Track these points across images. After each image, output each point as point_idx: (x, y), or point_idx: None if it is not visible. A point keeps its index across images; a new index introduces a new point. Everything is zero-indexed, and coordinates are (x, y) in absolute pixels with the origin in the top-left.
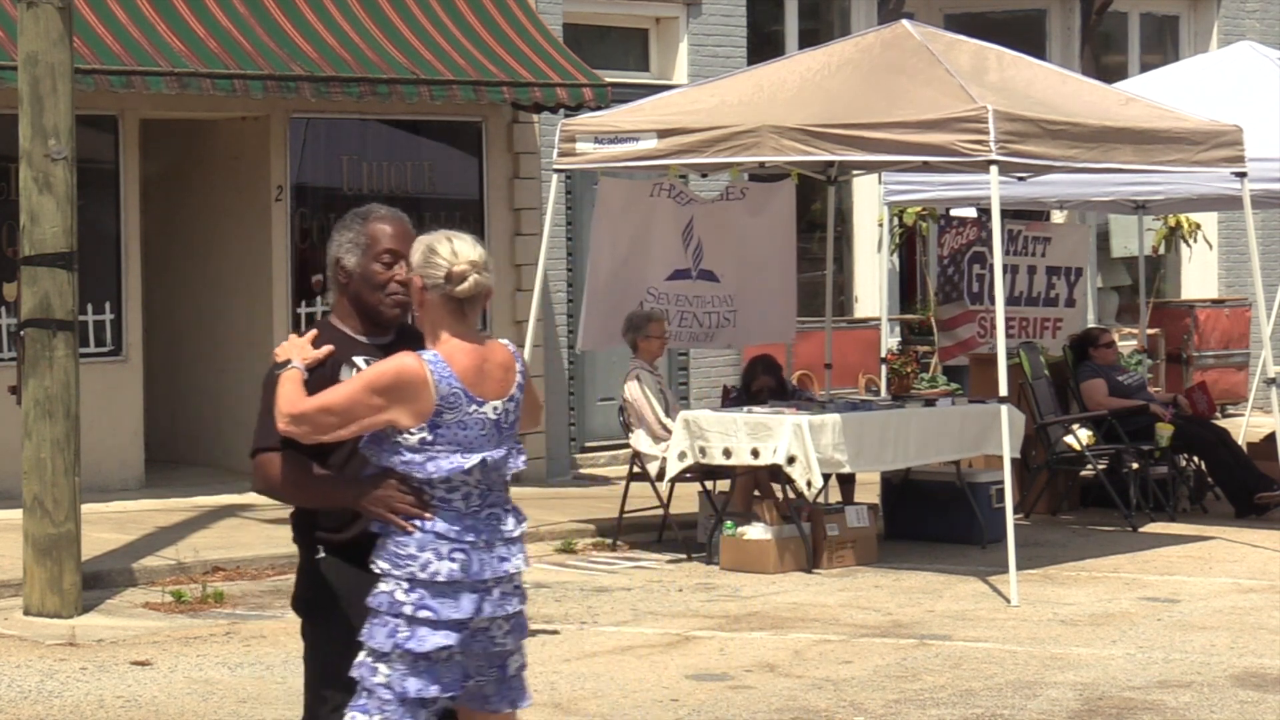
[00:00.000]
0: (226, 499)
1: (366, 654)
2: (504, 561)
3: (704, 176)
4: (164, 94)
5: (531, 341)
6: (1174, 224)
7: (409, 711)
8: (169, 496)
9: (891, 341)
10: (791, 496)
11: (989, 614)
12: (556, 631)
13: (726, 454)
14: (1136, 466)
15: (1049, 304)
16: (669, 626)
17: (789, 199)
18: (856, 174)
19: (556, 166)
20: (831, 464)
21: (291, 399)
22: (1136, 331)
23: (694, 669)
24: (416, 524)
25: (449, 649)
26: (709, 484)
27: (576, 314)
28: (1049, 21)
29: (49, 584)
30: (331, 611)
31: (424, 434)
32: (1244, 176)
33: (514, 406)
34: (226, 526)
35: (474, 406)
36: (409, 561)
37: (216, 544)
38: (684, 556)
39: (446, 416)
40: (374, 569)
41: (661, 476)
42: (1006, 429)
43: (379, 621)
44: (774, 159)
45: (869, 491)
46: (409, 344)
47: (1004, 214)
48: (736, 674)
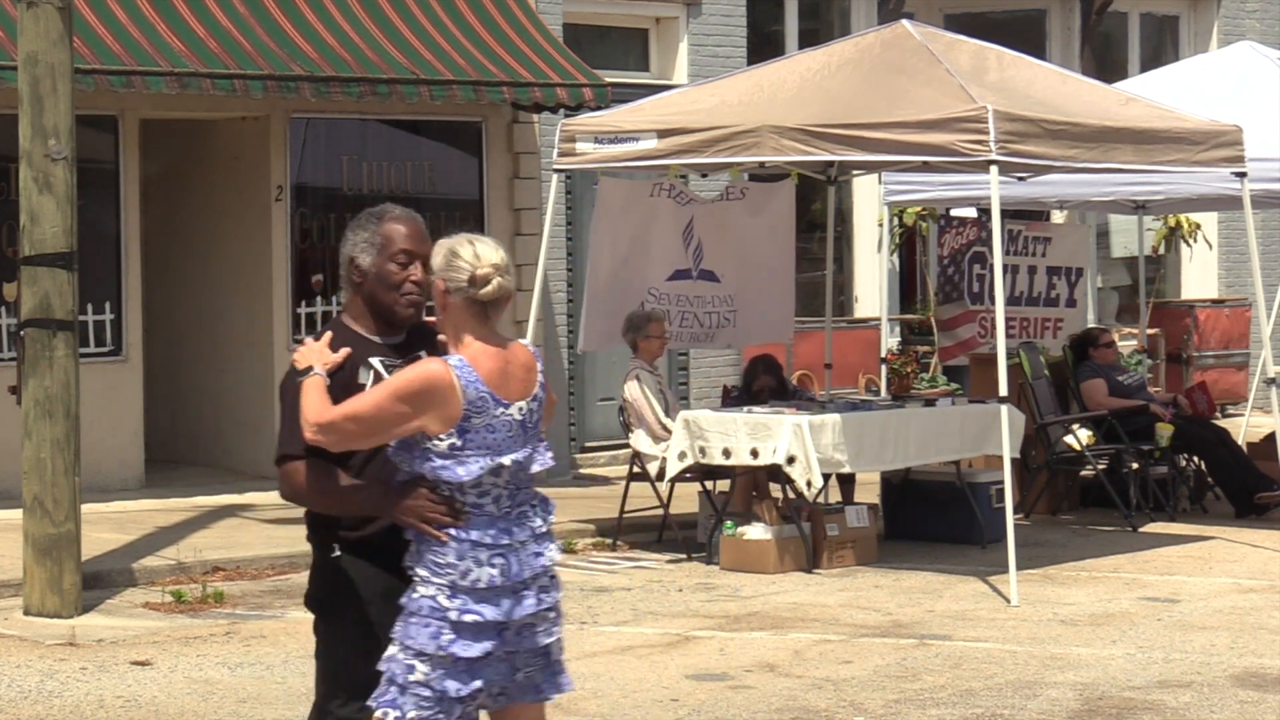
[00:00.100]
0: (226, 499)
1: (401, 651)
2: (539, 557)
3: (704, 176)
4: (164, 94)
5: (532, 341)
6: (1174, 224)
7: (445, 709)
8: (169, 496)
9: (891, 341)
10: (791, 496)
11: (989, 614)
12: None
13: (726, 454)
14: (1136, 466)
15: (1049, 304)
16: (669, 626)
17: (789, 199)
18: (856, 174)
19: (556, 166)
20: (831, 464)
21: (318, 408)
22: (1136, 331)
23: (694, 669)
24: (450, 532)
25: (492, 654)
26: (709, 484)
27: (576, 314)
28: (1049, 21)
29: (49, 584)
30: (346, 609)
31: (453, 439)
32: (1244, 176)
33: (537, 406)
34: (226, 526)
35: (501, 409)
36: (449, 570)
37: (216, 544)
38: (684, 556)
39: (475, 421)
40: (411, 575)
41: (661, 476)
42: (1006, 429)
43: (420, 623)
44: (774, 159)
45: (869, 491)
46: (420, 343)
47: (1004, 214)
48: (736, 674)
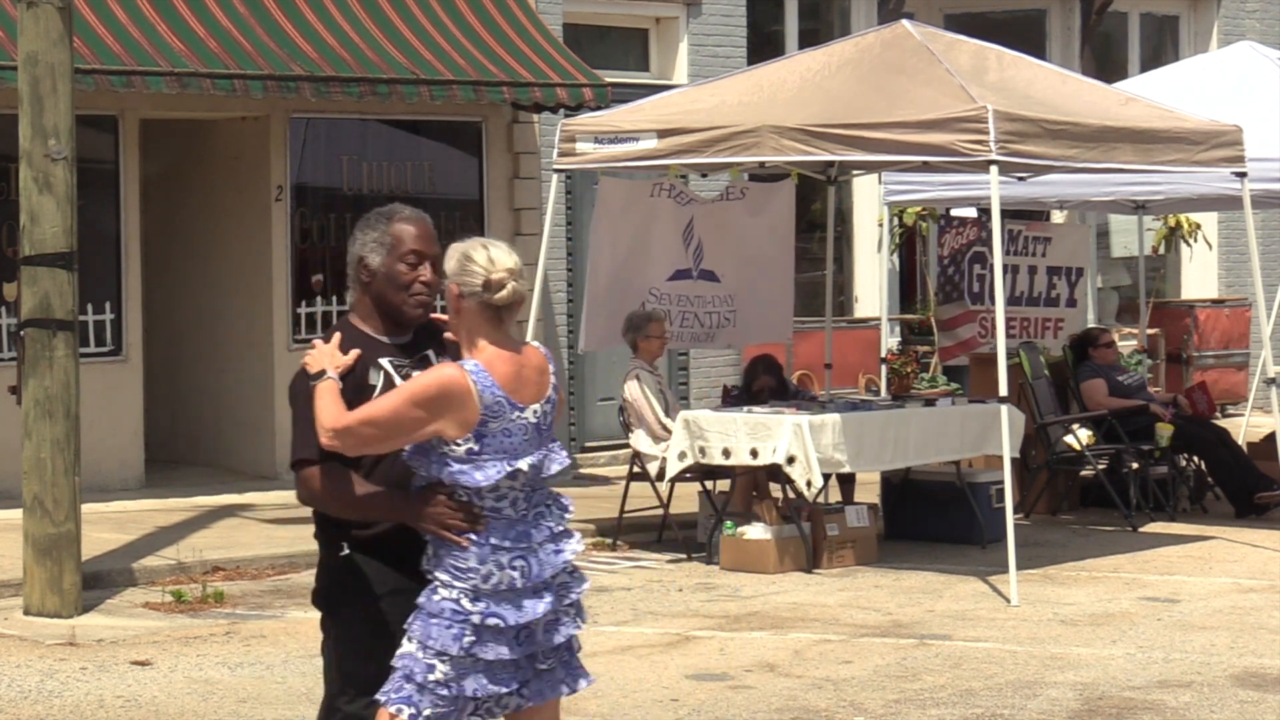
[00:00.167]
0: (226, 499)
1: (421, 650)
2: (559, 554)
3: (704, 176)
4: (164, 94)
5: (531, 341)
6: (1174, 224)
7: (459, 708)
8: (169, 496)
9: (891, 341)
10: (791, 496)
11: (989, 614)
12: None
13: (726, 454)
14: (1136, 466)
15: (1050, 304)
16: (669, 626)
17: (789, 199)
18: (856, 174)
19: (556, 166)
20: (831, 464)
21: (333, 413)
22: (1136, 331)
23: (694, 669)
24: (471, 537)
25: (514, 655)
26: (709, 484)
27: (576, 314)
28: (1049, 21)
29: (49, 584)
30: (354, 606)
31: (471, 444)
32: (1244, 176)
33: (550, 408)
34: (226, 526)
35: (516, 413)
36: (471, 574)
37: (216, 544)
38: (684, 556)
39: (492, 425)
40: (431, 578)
41: (661, 476)
42: (1006, 429)
43: (443, 624)
44: (774, 159)
45: (869, 491)
46: (427, 341)
47: (1004, 214)
48: (736, 674)
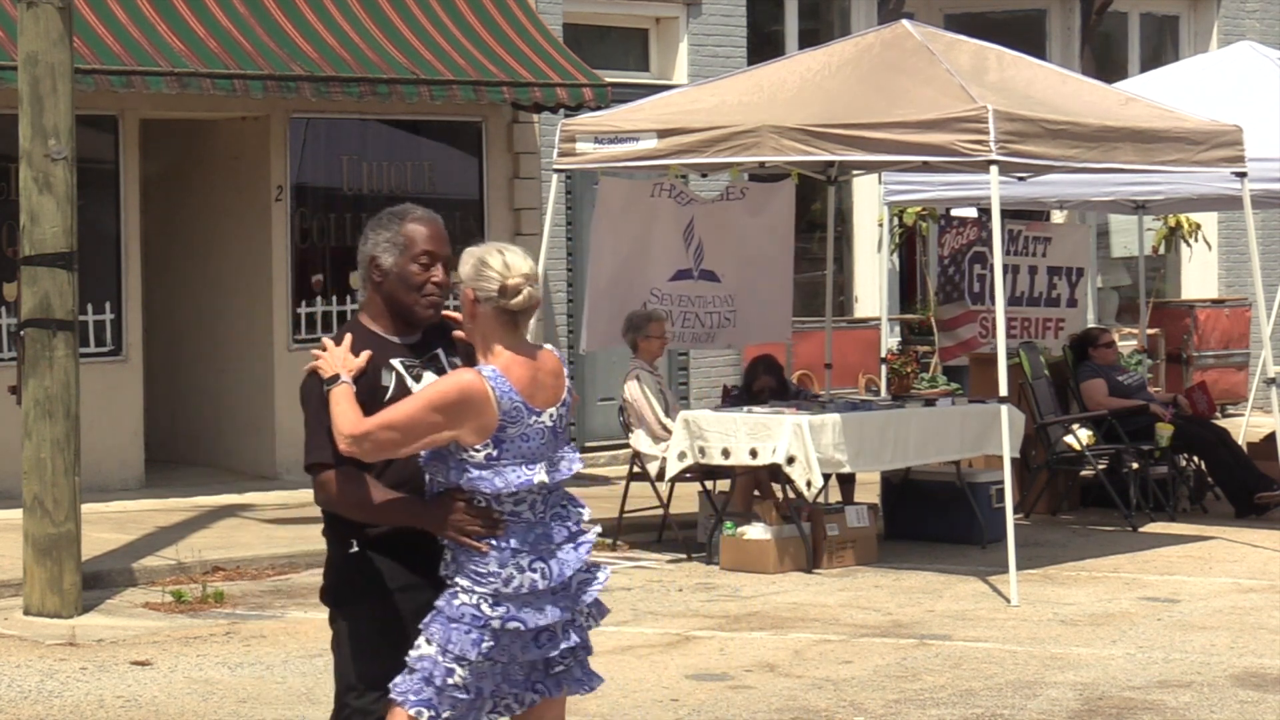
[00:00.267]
0: (226, 499)
1: (441, 654)
2: (576, 554)
3: (704, 176)
4: (164, 94)
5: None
6: (1174, 224)
7: (478, 708)
8: (169, 496)
9: (891, 341)
10: (791, 496)
11: (989, 614)
12: None
13: (725, 454)
14: (1136, 466)
15: (1050, 304)
16: (669, 626)
17: (789, 199)
18: (856, 174)
19: (556, 166)
20: (831, 464)
21: (351, 419)
22: (1136, 331)
23: (694, 669)
24: (491, 541)
25: (534, 657)
26: (709, 484)
27: (576, 314)
28: (1049, 21)
29: (49, 584)
30: (362, 603)
31: (490, 449)
32: (1244, 176)
33: (565, 411)
34: (226, 526)
35: (534, 417)
36: (491, 579)
37: (216, 544)
38: (684, 556)
39: (510, 430)
40: (450, 583)
41: (661, 476)
42: (1006, 429)
43: (462, 629)
44: (774, 159)
45: (869, 491)
46: (437, 341)
47: (1004, 214)
48: (736, 674)
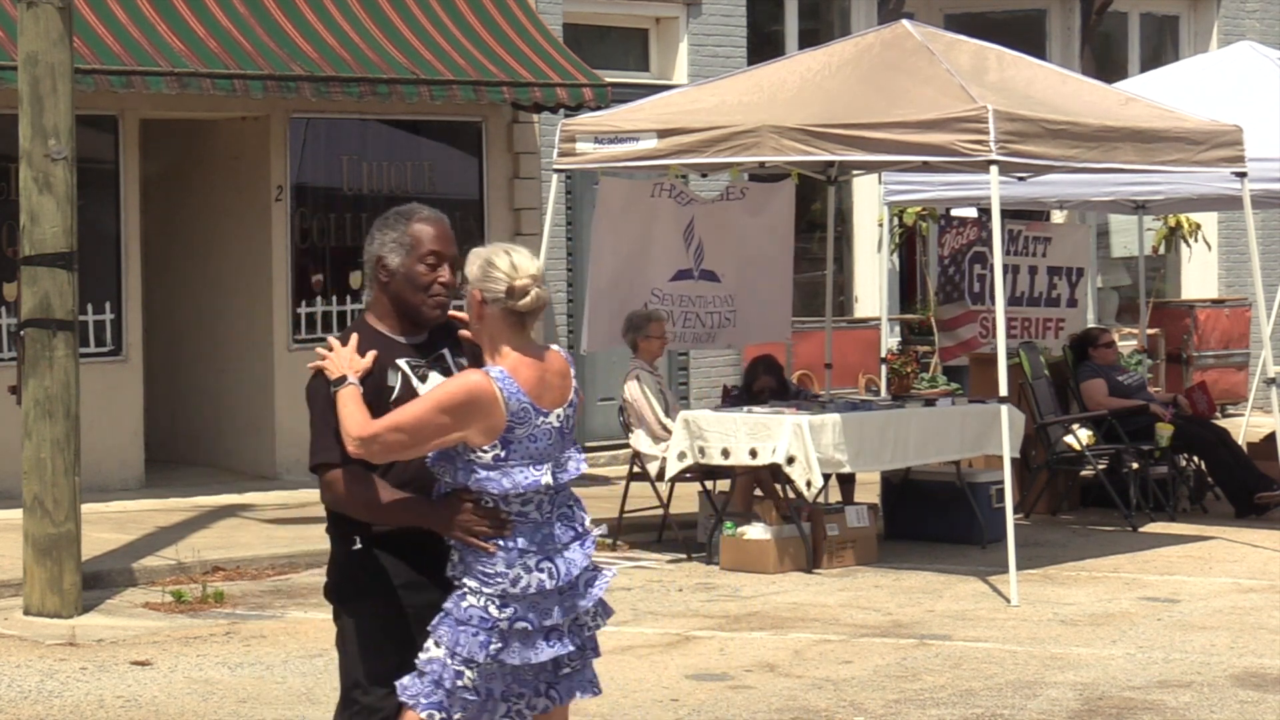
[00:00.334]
0: (226, 499)
1: (450, 657)
2: (582, 553)
3: (704, 176)
4: (164, 94)
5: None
6: (1174, 224)
7: (490, 710)
8: (169, 496)
9: (891, 341)
10: (791, 496)
11: (989, 614)
12: None
13: (725, 454)
14: (1136, 466)
15: (1051, 304)
16: (669, 626)
17: (789, 199)
18: (856, 174)
19: (556, 166)
20: (831, 464)
21: (359, 421)
22: (1136, 331)
23: (694, 669)
24: (499, 543)
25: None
26: (709, 484)
27: (576, 314)
28: (1049, 21)
29: (49, 584)
30: (366, 600)
31: (497, 450)
32: (1244, 176)
33: (572, 411)
34: (226, 526)
35: (541, 418)
36: (499, 579)
37: (216, 544)
38: (684, 556)
39: (518, 431)
40: (458, 584)
41: (661, 476)
42: (1006, 429)
43: (470, 631)
44: (774, 159)
45: (869, 491)
46: (443, 341)
47: (1004, 214)
48: (736, 674)
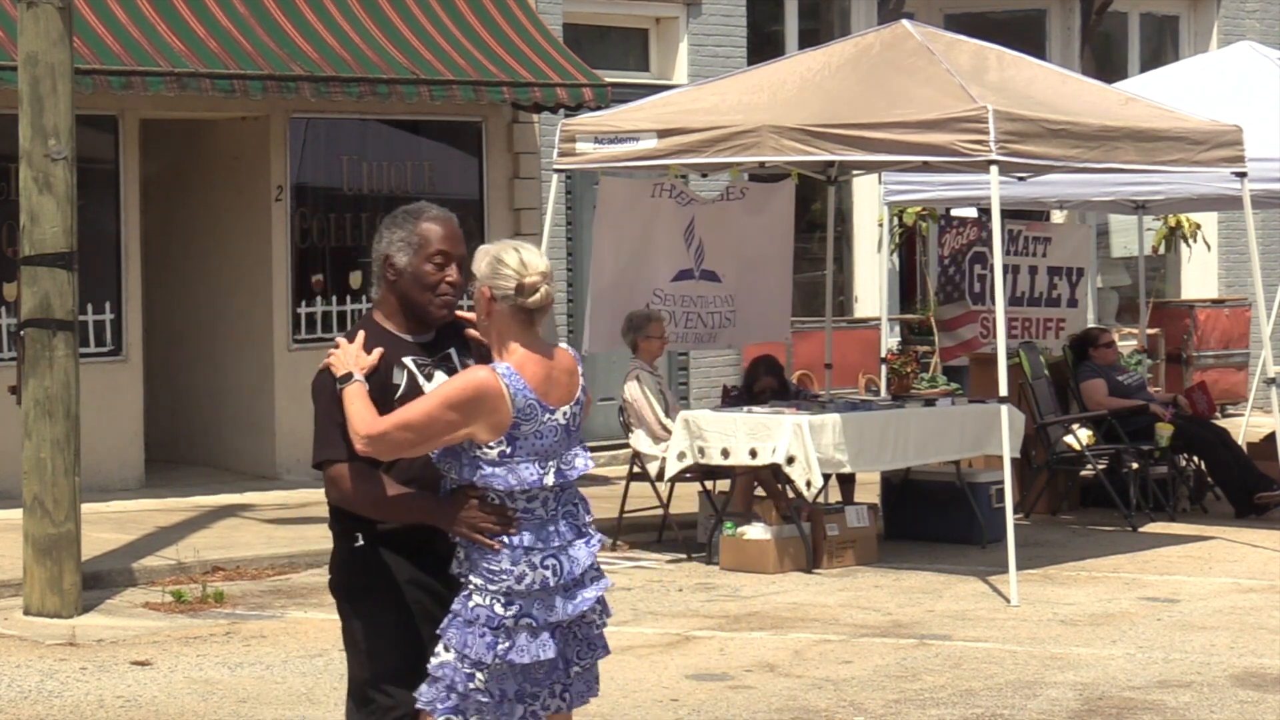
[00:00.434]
0: (226, 499)
1: (459, 660)
2: (587, 551)
3: (704, 176)
4: (164, 94)
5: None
6: (1174, 224)
7: (506, 711)
8: (169, 496)
9: (891, 341)
10: (791, 496)
11: (989, 614)
12: None
13: (725, 454)
14: (1136, 466)
15: (1051, 304)
16: (669, 626)
17: (789, 199)
18: (856, 174)
19: (556, 166)
20: (831, 464)
21: (366, 419)
22: (1136, 331)
23: (694, 669)
24: (504, 540)
25: (552, 659)
26: (709, 484)
27: (576, 314)
28: (1049, 21)
29: (49, 584)
30: (369, 598)
31: (503, 446)
32: (1244, 176)
33: (579, 409)
34: (226, 526)
35: (547, 415)
36: (504, 576)
37: (216, 544)
38: (684, 556)
39: (524, 428)
40: (464, 582)
41: (661, 476)
42: (1006, 429)
43: (477, 632)
44: (774, 159)
45: (869, 491)
46: (450, 340)
47: (1004, 214)
48: (736, 674)
